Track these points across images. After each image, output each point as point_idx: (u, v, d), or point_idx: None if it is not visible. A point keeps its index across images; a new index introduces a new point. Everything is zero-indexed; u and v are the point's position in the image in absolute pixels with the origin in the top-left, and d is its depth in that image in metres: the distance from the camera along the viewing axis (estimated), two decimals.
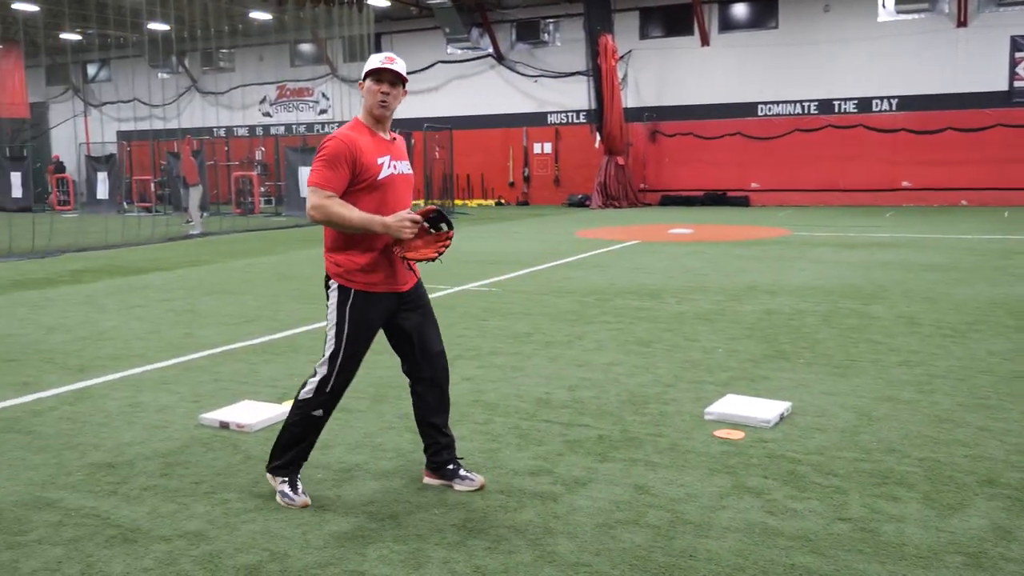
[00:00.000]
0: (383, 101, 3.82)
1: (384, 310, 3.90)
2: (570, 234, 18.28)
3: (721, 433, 4.83)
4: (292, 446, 3.98)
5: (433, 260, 3.83)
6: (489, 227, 20.82)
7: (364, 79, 3.84)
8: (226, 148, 33.29)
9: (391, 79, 3.82)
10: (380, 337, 4.07)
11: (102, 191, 29.24)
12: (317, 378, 3.93)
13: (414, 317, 3.99)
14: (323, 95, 34.05)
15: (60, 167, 34.43)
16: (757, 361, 6.54)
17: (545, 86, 30.39)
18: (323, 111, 34.16)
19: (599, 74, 27.13)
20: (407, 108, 31.83)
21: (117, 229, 18.91)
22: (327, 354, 3.90)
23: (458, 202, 29.61)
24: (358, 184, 3.76)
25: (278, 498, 3.94)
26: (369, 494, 4.02)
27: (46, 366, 6.73)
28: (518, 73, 30.69)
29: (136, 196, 31.48)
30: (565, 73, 29.84)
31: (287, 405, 5.38)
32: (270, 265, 13.46)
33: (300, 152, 26.63)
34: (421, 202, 25.46)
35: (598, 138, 28.02)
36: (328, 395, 3.94)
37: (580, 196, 29.34)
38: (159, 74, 35.23)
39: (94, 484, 4.20)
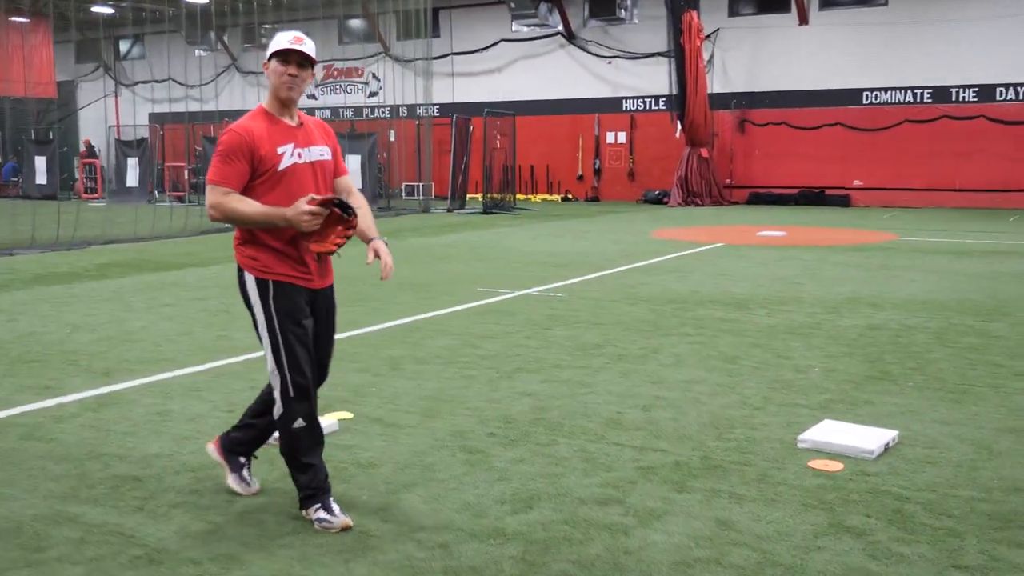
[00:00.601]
0: (290, 84, 3.98)
1: (305, 300, 4.01)
2: (645, 234, 18.19)
3: (816, 464, 4.75)
4: (303, 471, 4.04)
5: (332, 253, 3.93)
6: (554, 225, 20.83)
7: (269, 60, 3.99)
8: None
9: (298, 60, 3.97)
10: (433, 348, 4.07)
11: (132, 178, 29.96)
12: (277, 390, 4.02)
13: (318, 321, 4.11)
14: (374, 76, 34.42)
15: (92, 152, 35.32)
16: (858, 383, 6.43)
17: (621, 68, 30.30)
18: (373, 93, 34.54)
19: (682, 55, 26.97)
20: (466, 91, 32.11)
21: (147, 220, 19.34)
22: (270, 357, 4.00)
23: (520, 196, 29.66)
24: (258, 177, 3.91)
25: (315, 525, 3.96)
26: (418, 519, 4.04)
27: (69, 368, 6.90)
28: (590, 53, 30.66)
29: (168, 184, 32.20)
30: (643, 54, 29.72)
31: (329, 417, 5.45)
32: None
33: (348, 139, 26.94)
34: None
35: (679, 127, 27.85)
36: (296, 400, 4.00)
37: (657, 192, 29.18)
38: (196, 52, 35.96)
39: (118, 499, 4.29)
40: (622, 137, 30.83)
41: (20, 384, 6.42)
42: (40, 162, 31.83)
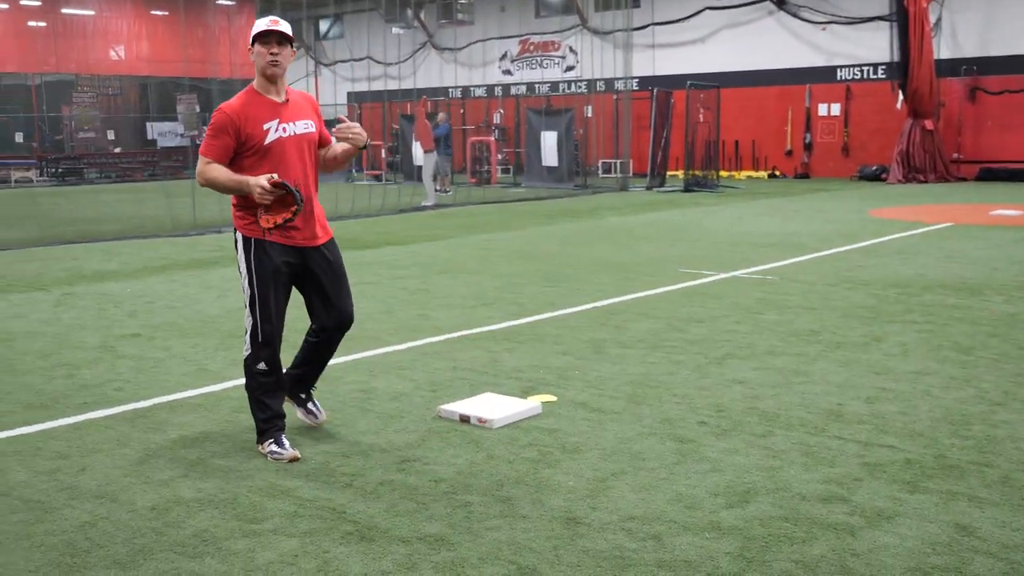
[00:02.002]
0: (273, 62, 4.66)
1: (287, 260, 4.76)
2: (862, 213, 17.50)
3: None
4: (261, 410, 4.81)
5: (269, 229, 4.61)
6: (762, 203, 20.32)
7: (252, 45, 4.69)
8: (461, 110, 34.54)
9: (278, 39, 4.67)
10: (636, 331, 4.03)
11: None
12: (248, 331, 4.82)
13: (326, 272, 4.87)
14: (570, 49, 34.51)
15: None
16: None
17: (836, 34, 29.16)
18: (570, 67, 34.63)
19: (905, 18, 25.69)
20: (667, 63, 31.71)
21: (347, 198, 20.11)
22: (247, 303, 4.80)
23: (723, 173, 29.11)
24: (246, 151, 4.66)
25: (268, 457, 4.68)
26: (627, 509, 4.02)
27: None
28: (802, 19, 29.63)
29: (366, 163, 33.37)
30: (861, 18, 28.48)
31: (532, 400, 5.52)
32: (509, 241, 13.82)
33: (543, 115, 27.15)
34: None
35: (901, 97, 26.57)
36: (262, 345, 4.79)
37: (874, 168, 27.98)
38: (394, 29, 37.07)
39: (329, 474, 4.48)
40: (836, 109, 29.70)
41: (232, 359, 6.80)
42: None
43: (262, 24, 4.69)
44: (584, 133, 30.17)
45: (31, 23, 34.53)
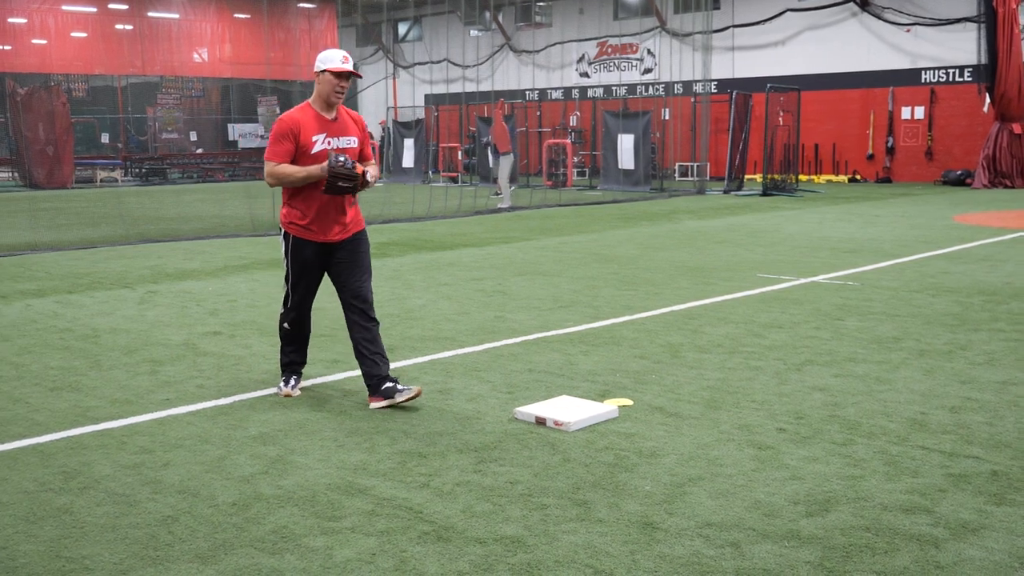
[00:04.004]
0: (340, 93, 5.65)
1: (317, 253, 5.76)
2: (946, 219, 17.10)
3: None
4: (282, 354, 6.06)
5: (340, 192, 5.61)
6: (842, 208, 19.99)
7: (323, 72, 5.58)
8: (538, 113, 34.57)
9: (347, 76, 5.62)
10: (714, 336, 3.99)
11: (408, 159, 31.45)
12: (283, 299, 5.99)
13: (344, 263, 5.79)
14: (648, 52, 34.32)
15: (388, 135, 37.33)
16: None
17: (921, 36, 28.57)
18: (648, 70, 34.44)
19: (994, 20, 25.04)
20: (746, 66, 31.37)
21: (423, 200, 20.27)
22: (285, 279, 5.94)
23: (803, 177, 28.69)
24: (299, 154, 5.61)
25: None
26: (705, 515, 3.98)
27: None
28: (886, 21, 29.09)
29: (442, 165, 33.58)
30: (947, 20, 27.87)
31: (610, 404, 5.50)
32: (585, 244, 13.80)
33: (620, 118, 27.04)
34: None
35: (988, 100, 25.92)
36: (289, 312, 5.93)
37: (959, 172, 27.33)
38: (471, 32, 37.25)
39: (405, 474, 4.52)
40: (919, 112, 29.06)
41: (312, 357, 6.88)
42: None
43: (337, 60, 5.59)
44: (661, 136, 29.97)
45: (118, 26, 35.41)
